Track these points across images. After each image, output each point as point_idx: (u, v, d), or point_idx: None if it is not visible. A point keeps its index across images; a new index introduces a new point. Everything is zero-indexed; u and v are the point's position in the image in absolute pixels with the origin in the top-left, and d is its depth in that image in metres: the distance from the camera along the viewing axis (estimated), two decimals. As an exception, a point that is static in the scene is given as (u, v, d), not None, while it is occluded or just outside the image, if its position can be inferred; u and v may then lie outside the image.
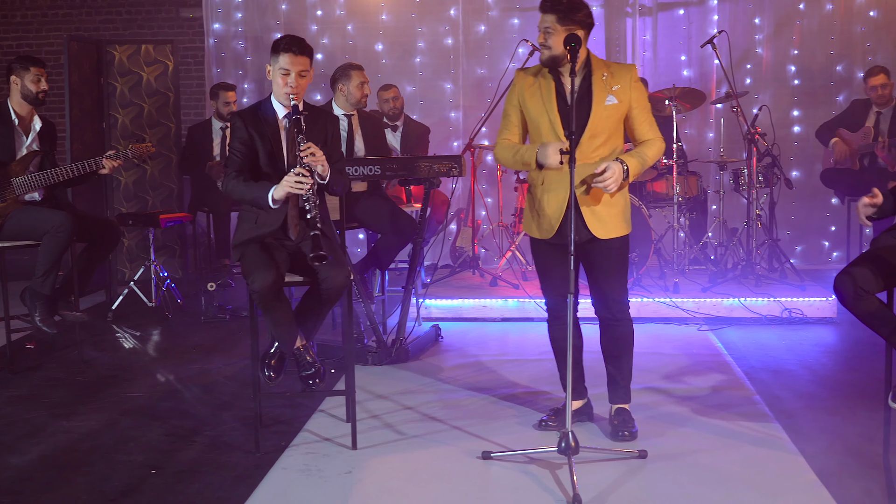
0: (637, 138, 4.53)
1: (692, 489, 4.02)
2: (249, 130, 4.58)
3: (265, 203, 4.46)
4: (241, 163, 4.58)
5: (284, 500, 3.99)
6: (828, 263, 9.33)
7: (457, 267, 8.42)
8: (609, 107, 4.38)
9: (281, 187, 4.41)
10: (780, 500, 3.89)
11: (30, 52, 10.82)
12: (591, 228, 4.41)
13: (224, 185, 4.61)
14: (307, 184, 4.37)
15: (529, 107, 4.46)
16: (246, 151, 4.58)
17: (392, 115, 8.26)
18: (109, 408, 5.28)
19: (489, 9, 9.49)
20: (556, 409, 4.82)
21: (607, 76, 4.40)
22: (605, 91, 4.38)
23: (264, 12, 9.63)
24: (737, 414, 4.97)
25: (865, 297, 4.13)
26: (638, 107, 4.46)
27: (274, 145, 4.60)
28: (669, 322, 7.04)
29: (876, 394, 4.91)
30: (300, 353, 4.60)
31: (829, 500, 3.87)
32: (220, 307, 7.51)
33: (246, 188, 4.53)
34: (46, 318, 6.04)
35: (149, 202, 8.87)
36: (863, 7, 9.22)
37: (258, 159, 4.60)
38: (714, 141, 9.18)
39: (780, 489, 4.00)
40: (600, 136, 4.39)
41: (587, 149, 4.37)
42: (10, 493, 4.12)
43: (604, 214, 4.43)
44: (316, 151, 4.45)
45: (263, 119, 4.62)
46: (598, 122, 4.37)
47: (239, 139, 4.58)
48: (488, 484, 4.12)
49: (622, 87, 4.40)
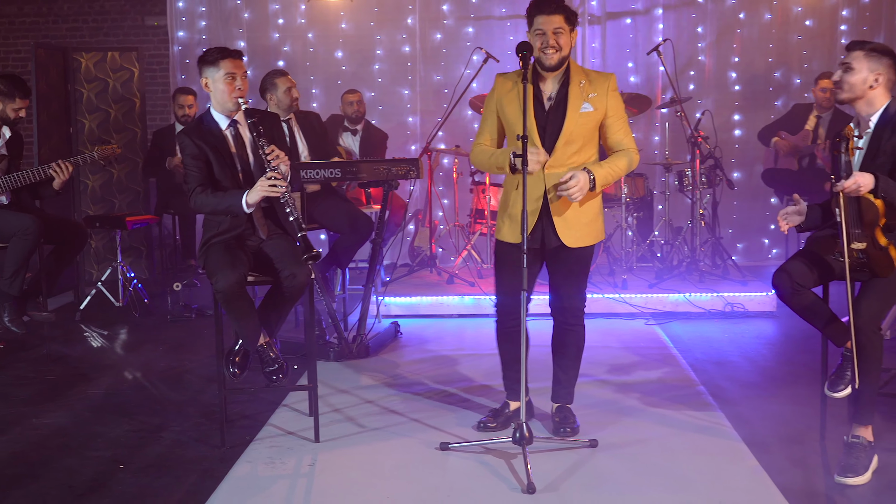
0: (611, 147, 4.43)
1: (640, 476, 4.05)
2: (198, 143, 4.52)
3: (240, 210, 4.42)
4: (201, 176, 4.52)
5: (250, 493, 3.97)
6: (768, 260, 9.43)
7: (415, 266, 8.42)
8: (584, 114, 4.29)
9: (255, 192, 4.37)
10: (724, 485, 3.92)
11: (-3, 59, 10.70)
12: (561, 236, 4.35)
13: (193, 201, 4.51)
14: (282, 186, 4.36)
15: (507, 111, 4.36)
16: (201, 165, 4.52)
17: (354, 119, 8.24)
18: (78, 405, 5.22)
19: (445, 17, 9.49)
20: (495, 409, 4.75)
21: (584, 83, 4.32)
22: (580, 98, 4.29)
23: (227, 21, 9.56)
24: (682, 404, 5.02)
25: (802, 292, 4.19)
26: (614, 115, 4.37)
27: (224, 154, 4.55)
28: (618, 317, 7.09)
29: (813, 383, 4.98)
30: (264, 349, 4.58)
31: (769, 484, 3.91)
32: (185, 306, 7.47)
33: (216, 199, 4.48)
34: (15, 318, 5.97)
35: (115, 205, 8.78)
36: (799, 16, 9.33)
37: (213, 170, 4.57)
38: (659, 144, 9.25)
39: (724, 474, 4.04)
40: (575, 143, 4.31)
41: (562, 155, 4.30)
42: (-19, 488, 4.08)
43: (574, 223, 4.36)
44: (279, 153, 4.43)
45: (209, 132, 4.57)
46: (572, 128, 4.28)
47: (190, 155, 4.52)
48: (446, 474, 4.13)
49: (598, 95, 4.31)
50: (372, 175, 5.96)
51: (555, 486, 3.93)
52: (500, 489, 3.93)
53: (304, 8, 9.49)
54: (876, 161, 4.03)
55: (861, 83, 4.07)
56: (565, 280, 4.50)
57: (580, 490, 3.90)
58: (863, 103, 4.11)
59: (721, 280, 7.58)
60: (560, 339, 4.63)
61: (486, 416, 4.72)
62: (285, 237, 4.62)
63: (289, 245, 4.56)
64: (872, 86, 4.06)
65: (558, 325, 4.62)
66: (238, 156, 4.58)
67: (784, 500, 3.75)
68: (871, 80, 4.06)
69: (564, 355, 4.65)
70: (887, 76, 4.07)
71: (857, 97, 4.10)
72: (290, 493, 3.96)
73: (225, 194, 4.48)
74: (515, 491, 3.90)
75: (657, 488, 3.91)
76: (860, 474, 3.92)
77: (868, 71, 4.06)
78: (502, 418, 4.65)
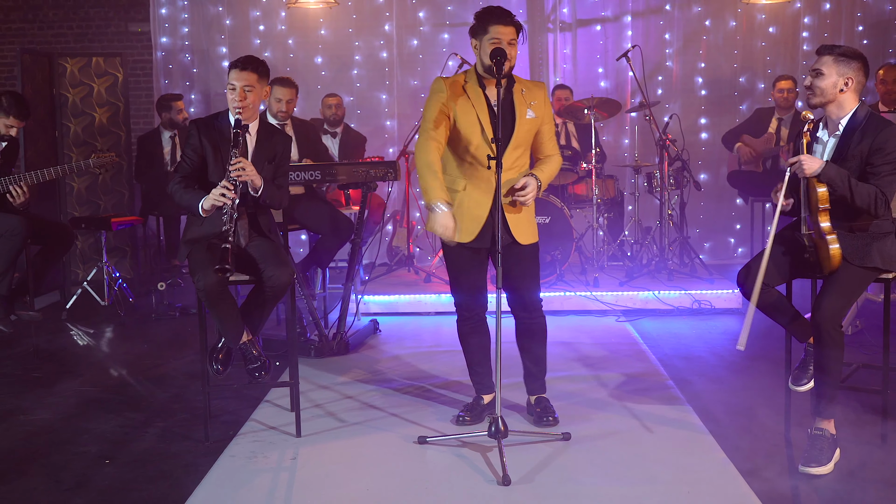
0: (543, 153, 4.53)
1: (612, 467, 4.06)
2: (202, 139, 4.54)
3: (196, 211, 4.44)
4: (189, 170, 4.55)
5: (233, 486, 3.96)
6: (734, 258, 9.48)
7: (393, 265, 8.42)
8: (529, 120, 4.38)
9: (208, 199, 4.38)
10: (692, 476, 3.94)
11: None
12: (514, 234, 4.41)
13: (170, 186, 4.55)
14: (229, 197, 4.34)
15: (458, 113, 4.34)
16: (195, 158, 4.55)
17: (333, 122, 8.22)
18: (64, 402, 5.19)
19: (421, 24, 9.49)
20: (468, 405, 4.75)
21: (525, 91, 4.41)
22: (525, 105, 4.37)
23: (209, 27, 9.52)
24: (652, 397, 5.04)
25: (766, 290, 4.21)
26: (548, 123, 4.48)
27: (224, 155, 4.55)
28: (590, 314, 7.11)
29: (777, 377, 5.02)
30: (246, 347, 4.56)
31: (735, 475, 3.93)
32: (169, 305, 7.43)
33: (184, 194, 4.48)
34: (3, 317, 5.94)
35: (100, 206, 8.72)
36: (763, 23, 9.39)
37: (206, 168, 4.56)
38: (629, 147, 9.29)
39: (692, 466, 4.06)
40: (521, 146, 4.40)
41: (510, 158, 4.36)
42: (-31, 484, 4.05)
43: (522, 221, 4.44)
44: (246, 166, 4.41)
45: (218, 130, 4.57)
46: (520, 133, 4.36)
47: (191, 146, 4.55)
48: (424, 466, 4.13)
49: (538, 103, 4.41)
50: (351, 177, 5.96)
51: (529, 478, 3.94)
52: (476, 481, 3.93)
53: (284, 15, 9.47)
54: (845, 164, 4.04)
55: (832, 87, 4.07)
56: (522, 277, 4.53)
57: (554, 482, 3.91)
58: (833, 107, 4.11)
59: (689, 278, 7.62)
60: (525, 333, 4.66)
61: (460, 411, 4.72)
62: (267, 240, 4.61)
63: (271, 247, 4.54)
64: (842, 89, 4.07)
65: (521, 321, 4.64)
66: None
67: (750, 490, 3.77)
68: (841, 83, 4.07)
69: (532, 348, 4.67)
70: (857, 80, 4.08)
71: (829, 101, 4.10)
72: (273, 487, 3.95)
73: (192, 192, 4.47)
74: (491, 483, 3.90)
75: (628, 480, 3.93)
76: (823, 465, 3.94)
77: (838, 75, 4.06)
78: (477, 411, 4.67)
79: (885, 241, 4.10)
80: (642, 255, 8.13)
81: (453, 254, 4.51)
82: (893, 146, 3.99)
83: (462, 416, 4.65)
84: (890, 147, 3.98)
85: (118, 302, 7.60)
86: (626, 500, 3.73)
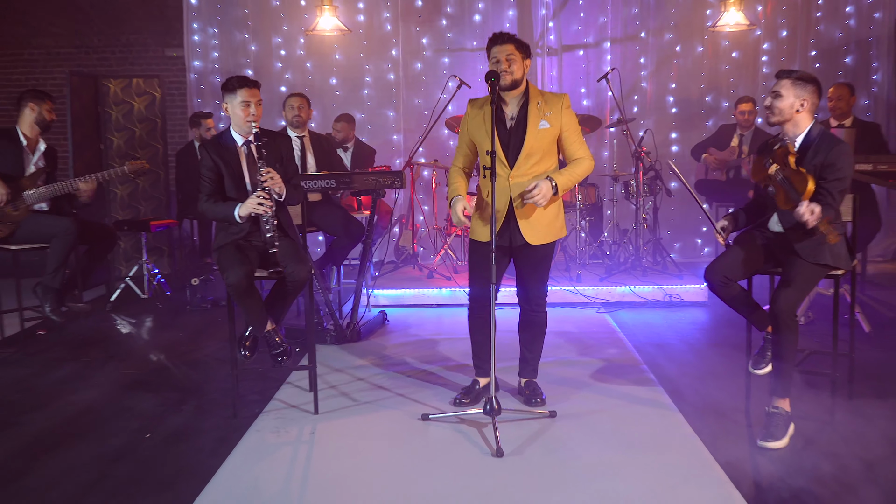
0: (569, 157, 4.44)
1: (593, 441, 4.07)
2: (214, 158, 4.53)
3: (233, 220, 4.45)
4: (211, 187, 4.54)
5: (259, 457, 3.97)
6: (700, 257, 9.48)
7: (400, 262, 8.42)
8: (542, 130, 4.31)
9: (245, 206, 4.39)
10: (663, 448, 3.96)
11: (36, 84, 10.61)
12: (525, 236, 4.38)
13: (200, 206, 4.56)
14: (268, 205, 4.36)
15: (474, 133, 4.41)
16: (213, 176, 4.54)
17: (341, 141, 8.20)
18: (108, 383, 5.20)
19: (424, 50, 9.49)
20: (466, 388, 4.73)
21: (542, 104, 4.34)
22: (538, 117, 4.31)
23: (236, 52, 9.52)
24: (628, 380, 5.05)
25: (729, 285, 4.23)
26: (569, 129, 4.38)
27: (235, 169, 4.55)
28: (573, 306, 7.11)
29: (738, 362, 5.02)
30: (270, 335, 4.57)
31: (701, 448, 3.94)
32: (202, 298, 7.43)
33: (216, 208, 4.50)
34: (55, 308, 5.94)
35: (141, 210, 8.72)
36: (727, 49, 9.39)
37: (224, 182, 4.57)
38: (608, 158, 9.29)
39: (663, 440, 4.07)
40: (535, 155, 4.33)
41: (524, 167, 4.33)
42: (25, 456, 4.05)
43: (536, 224, 4.39)
44: (274, 176, 4.43)
45: (225, 147, 4.57)
46: (532, 143, 4.31)
47: (206, 167, 4.54)
48: (427, 440, 4.14)
49: (553, 113, 4.33)
50: (362, 185, 5.96)
51: (520, 451, 3.95)
52: (473, 453, 3.95)
53: (303, 41, 9.47)
54: None
55: (788, 108, 4.08)
56: (530, 274, 4.52)
57: (542, 453, 3.92)
58: (790, 125, 4.12)
59: (661, 274, 7.62)
60: (526, 324, 4.66)
61: (459, 393, 4.72)
62: (288, 238, 4.62)
63: (292, 245, 4.56)
64: (798, 110, 4.07)
65: (524, 313, 4.64)
66: (248, 171, 4.58)
67: (714, 461, 3.78)
68: (798, 105, 4.07)
69: (531, 338, 4.68)
70: (811, 101, 4.08)
71: (786, 120, 4.10)
72: (294, 457, 3.96)
73: (224, 204, 4.48)
74: (486, 455, 3.92)
75: (607, 451, 3.94)
76: (779, 439, 3.95)
77: (794, 97, 4.06)
78: (474, 394, 4.67)
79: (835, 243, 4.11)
80: (620, 255, 8.13)
81: (473, 250, 4.52)
82: (843, 163, 4.00)
83: (459, 399, 4.64)
84: (840, 164, 4.00)
85: (157, 295, 7.61)
86: (605, 468, 3.74)
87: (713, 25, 8.85)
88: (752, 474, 3.67)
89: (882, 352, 5.49)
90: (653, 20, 9.36)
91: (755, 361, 4.36)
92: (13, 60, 10.67)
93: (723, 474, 3.65)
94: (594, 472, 3.72)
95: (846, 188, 4.08)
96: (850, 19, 9.31)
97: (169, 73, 10.36)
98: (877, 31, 9.23)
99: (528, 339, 4.69)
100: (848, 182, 4.05)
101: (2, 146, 5.91)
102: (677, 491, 3.52)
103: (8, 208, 5.85)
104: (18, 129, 6.02)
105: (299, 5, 9.45)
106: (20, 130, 6.02)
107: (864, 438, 4.02)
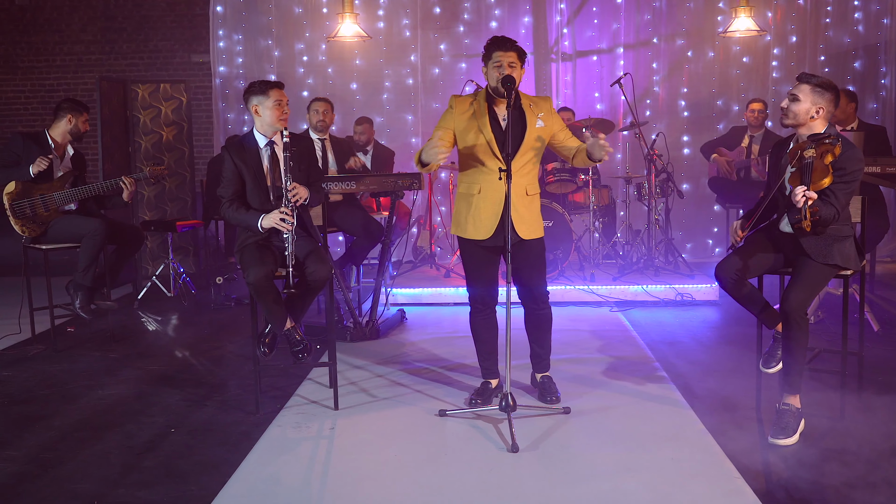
0: (570, 149, 4.45)
1: (606, 437, 4.05)
2: (235, 161, 4.52)
3: (255, 229, 4.45)
4: (232, 191, 4.54)
5: (280, 451, 3.97)
6: (711, 257, 9.42)
7: (417, 262, 8.41)
8: (538, 129, 4.35)
9: (268, 219, 4.40)
10: (675, 445, 3.93)
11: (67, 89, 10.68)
12: (519, 231, 4.35)
13: (221, 210, 4.56)
14: (289, 223, 4.36)
15: (462, 130, 4.37)
16: (234, 179, 4.54)
17: (361, 143, 8.19)
18: (135, 379, 5.22)
19: (442, 55, 9.47)
20: (477, 389, 4.65)
21: (532, 105, 4.38)
22: (534, 117, 4.35)
23: (261, 58, 9.54)
24: (640, 377, 5.02)
25: (740, 283, 4.18)
26: (562, 127, 4.45)
27: (257, 171, 4.55)
28: (587, 305, 7.08)
29: (749, 360, 4.98)
30: (290, 332, 4.57)
31: (713, 444, 3.92)
32: (226, 296, 7.45)
33: (239, 216, 4.49)
34: (85, 306, 5.96)
35: (167, 211, 8.75)
36: (738, 54, 9.33)
37: (245, 185, 4.56)
38: (621, 161, 9.24)
39: (675, 436, 4.04)
40: (529, 153, 4.36)
41: (518, 163, 4.33)
42: (54, 449, 4.07)
43: (527, 218, 4.39)
44: (300, 191, 4.43)
45: (248, 150, 4.55)
46: (529, 142, 4.33)
47: (227, 170, 4.54)
48: (444, 436, 4.13)
49: (545, 115, 4.38)
50: (382, 187, 5.95)
51: (535, 446, 3.93)
52: (489, 448, 3.93)
53: (324, 47, 9.48)
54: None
55: (804, 113, 4.01)
56: (529, 272, 4.49)
57: (556, 449, 3.90)
58: (804, 129, 4.05)
59: (673, 274, 7.58)
60: (533, 321, 4.62)
61: (471, 394, 4.65)
62: (309, 238, 4.61)
63: (313, 245, 4.55)
64: (814, 116, 4.00)
65: (529, 311, 4.61)
66: (270, 171, 4.57)
67: (725, 457, 3.75)
68: (814, 111, 4.00)
69: (539, 334, 4.65)
70: (827, 109, 4.01)
71: (800, 124, 4.04)
72: (315, 452, 3.96)
73: (247, 213, 4.48)
74: (502, 450, 3.90)
75: (619, 447, 3.92)
76: (790, 436, 3.92)
77: (811, 103, 3.99)
78: (486, 395, 4.62)
79: (844, 243, 4.07)
80: (632, 254, 8.09)
81: (469, 252, 4.50)
82: (852, 167, 3.95)
83: (473, 399, 4.59)
84: (849, 167, 3.95)
85: (182, 294, 7.63)
86: (617, 464, 3.72)
87: (724, 31, 8.79)
88: (762, 470, 3.63)
89: (891, 350, 5.44)
90: (665, 26, 9.31)
91: (765, 360, 4.32)
92: (46, 66, 10.75)
93: (734, 470, 3.61)
94: (607, 466, 3.70)
95: (853, 192, 4.03)
96: (858, 25, 9.23)
97: (195, 78, 10.41)
98: (884, 37, 9.16)
99: (537, 335, 4.66)
100: (854, 186, 4.00)
101: (31, 150, 5.93)
102: (689, 486, 3.49)
103: (39, 209, 5.88)
104: (48, 134, 6.05)
105: (321, 13, 9.46)
106: (49, 135, 6.05)
107: (873, 435, 3.97)
